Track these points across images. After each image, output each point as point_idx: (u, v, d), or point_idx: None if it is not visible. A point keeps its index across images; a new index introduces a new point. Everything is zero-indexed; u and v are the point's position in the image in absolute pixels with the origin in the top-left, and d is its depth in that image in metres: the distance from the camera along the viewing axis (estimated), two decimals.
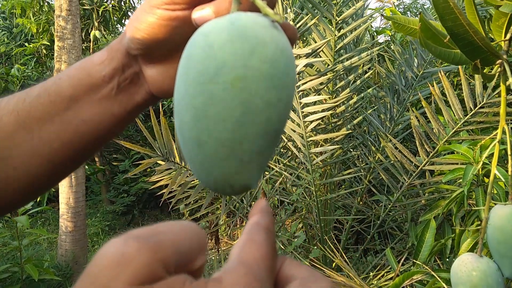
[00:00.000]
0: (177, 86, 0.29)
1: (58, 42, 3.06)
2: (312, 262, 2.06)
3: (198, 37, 0.28)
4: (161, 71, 0.41)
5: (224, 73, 0.26)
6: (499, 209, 0.70)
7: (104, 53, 0.41)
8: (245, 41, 0.27)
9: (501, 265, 0.71)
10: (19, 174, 0.42)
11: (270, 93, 0.27)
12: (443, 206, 1.54)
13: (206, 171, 0.28)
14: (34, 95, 0.42)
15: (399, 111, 2.34)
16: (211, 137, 0.27)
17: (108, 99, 0.41)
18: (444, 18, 0.58)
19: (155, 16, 0.36)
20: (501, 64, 0.69)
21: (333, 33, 2.12)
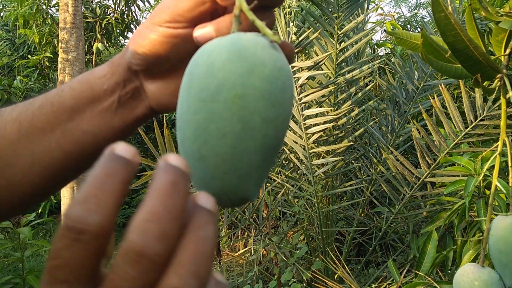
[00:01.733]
0: (180, 102, 0.31)
1: (62, 55, 3.09)
2: (314, 273, 2.06)
3: (200, 56, 0.30)
4: (161, 87, 0.42)
5: (225, 91, 0.28)
6: (501, 220, 0.72)
7: (105, 67, 0.42)
8: (245, 61, 0.28)
9: (503, 275, 0.72)
10: (21, 181, 0.43)
11: (268, 110, 0.28)
12: (445, 218, 1.55)
13: (206, 184, 0.30)
14: (37, 105, 0.43)
15: (400, 123, 2.36)
16: (212, 152, 0.28)
17: (109, 112, 0.42)
18: (446, 34, 0.60)
19: (157, 33, 0.37)
20: (501, 78, 0.71)
21: (335, 46, 2.15)
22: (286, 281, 2.23)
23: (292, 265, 2.26)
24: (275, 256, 2.28)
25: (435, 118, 2.04)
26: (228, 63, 0.28)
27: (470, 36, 0.71)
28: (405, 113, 2.36)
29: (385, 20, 4.77)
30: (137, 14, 6.14)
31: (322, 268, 2.23)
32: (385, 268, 2.41)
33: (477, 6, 0.69)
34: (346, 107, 2.16)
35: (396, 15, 6.11)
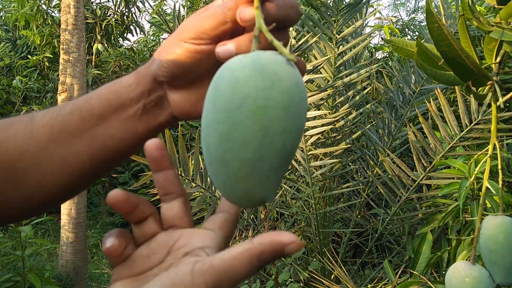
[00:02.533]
0: (205, 113, 0.34)
1: (63, 56, 3.12)
2: (311, 273, 2.10)
3: (225, 71, 0.33)
4: (184, 96, 0.45)
5: (248, 103, 0.31)
6: (490, 220, 0.75)
7: (131, 78, 0.46)
8: (266, 76, 0.32)
9: (492, 272, 0.76)
10: (50, 181, 0.47)
11: (287, 120, 0.32)
12: (439, 219, 1.59)
13: (230, 187, 0.33)
14: (67, 111, 0.46)
15: (397, 126, 2.39)
16: (235, 157, 0.32)
17: (134, 119, 0.46)
18: (439, 43, 0.63)
19: (182, 49, 0.41)
20: (492, 85, 0.75)
21: (333, 50, 2.19)
22: (284, 281, 2.27)
23: (289, 265, 2.30)
24: None
25: (431, 122, 2.08)
26: (251, 79, 0.32)
27: (463, 44, 0.75)
28: (402, 116, 2.40)
29: (383, 24, 4.82)
30: (136, 15, 6.17)
31: (319, 269, 2.26)
32: (381, 269, 2.44)
33: (470, 16, 0.72)
34: (344, 110, 2.19)
35: (394, 19, 6.16)
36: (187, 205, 0.39)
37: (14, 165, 0.46)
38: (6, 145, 0.46)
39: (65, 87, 3.14)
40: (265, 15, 0.36)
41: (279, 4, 0.38)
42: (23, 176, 0.46)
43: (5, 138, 0.46)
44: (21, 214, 0.50)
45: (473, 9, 0.72)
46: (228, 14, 0.38)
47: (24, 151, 0.46)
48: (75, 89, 3.16)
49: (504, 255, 0.74)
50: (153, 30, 7.75)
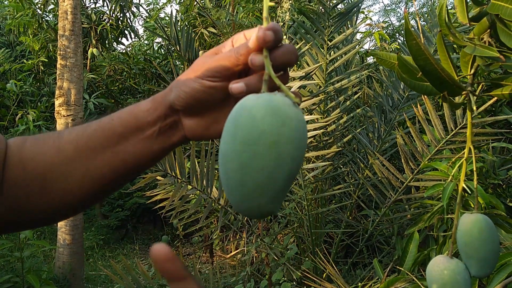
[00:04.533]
0: (225, 143, 0.42)
1: (60, 61, 3.17)
2: (304, 273, 2.17)
3: (242, 110, 0.41)
4: (196, 122, 0.53)
5: (264, 138, 0.39)
6: (466, 217, 0.83)
7: (149, 103, 0.53)
8: (278, 116, 0.40)
9: (468, 265, 0.83)
10: (75, 190, 0.54)
11: (294, 151, 0.40)
12: (425, 219, 1.66)
13: (246, 203, 0.41)
14: (92, 129, 0.54)
15: (386, 130, 2.48)
16: (252, 180, 0.40)
17: (151, 139, 0.53)
18: (417, 58, 0.71)
19: (199, 85, 0.49)
20: (467, 95, 0.82)
21: (325, 57, 2.26)
22: (277, 280, 2.33)
23: (282, 265, 2.36)
24: (266, 256, 2.38)
25: (418, 126, 2.16)
26: (266, 118, 0.39)
27: (441, 57, 0.83)
28: (391, 121, 2.48)
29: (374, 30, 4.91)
30: (131, 19, 6.22)
31: (311, 268, 2.33)
32: (371, 268, 2.52)
33: (446, 32, 0.80)
34: (335, 114, 2.27)
35: (384, 24, 6.27)
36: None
37: (44, 176, 0.53)
38: (38, 159, 0.53)
39: (62, 92, 3.19)
40: (272, 61, 0.44)
41: (283, 51, 0.46)
42: (52, 187, 0.54)
43: (37, 152, 0.54)
44: (48, 220, 0.58)
45: (449, 25, 0.80)
46: (240, 59, 0.46)
47: (53, 164, 0.53)
48: (72, 93, 3.21)
49: (478, 249, 0.81)
50: (147, 35, 7.80)
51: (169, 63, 6.30)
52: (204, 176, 2.24)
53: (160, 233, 4.96)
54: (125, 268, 2.85)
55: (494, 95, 0.82)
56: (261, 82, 0.45)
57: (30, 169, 0.53)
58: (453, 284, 0.82)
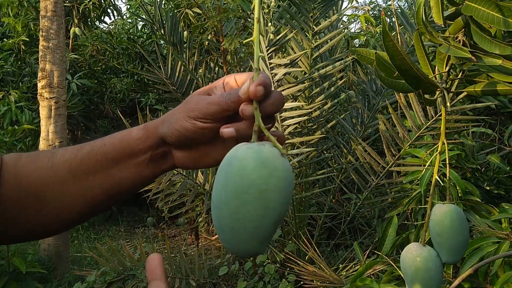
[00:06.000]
0: (217, 190, 0.46)
1: (43, 42, 3.13)
2: (287, 255, 2.22)
3: (234, 160, 0.45)
4: (186, 155, 0.56)
5: (253, 187, 0.43)
6: (438, 207, 0.87)
7: (141, 131, 0.56)
8: (266, 168, 0.43)
9: (440, 252, 0.88)
10: (67, 210, 0.58)
11: (281, 199, 0.44)
12: (404, 204, 1.72)
13: (236, 246, 0.45)
14: (85, 152, 0.57)
15: (369, 116, 2.52)
16: (242, 226, 0.44)
17: (142, 165, 0.57)
18: (394, 58, 0.74)
19: (191, 125, 0.52)
20: (441, 91, 0.86)
21: (310, 43, 2.28)
22: (261, 262, 2.39)
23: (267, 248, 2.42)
24: None
25: (400, 112, 2.20)
26: (256, 169, 0.43)
27: (418, 55, 0.86)
28: (374, 106, 2.52)
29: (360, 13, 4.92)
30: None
31: (294, 250, 2.39)
32: (352, 250, 2.59)
33: (423, 30, 0.83)
34: (320, 100, 2.30)
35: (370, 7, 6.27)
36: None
37: (38, 194, 0.56)
38: (33, 176, 0.56)
39: (45, 74, 3.15)
40: (261, 111, 0.49)
41: (272, 102, 0.50)
42: (46, 204, 0.57)
43: (32, 170, 0.57)
44: (42, 234, 0.62)
45: (426, 24, 0.83)
46: (232, 106, 0.50)
47: (46, 183, 0.56)
48: (55, 75, 3.18)
49: (449, 238, 0.86)
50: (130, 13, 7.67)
51: (153, 43, 6.23)
52: None
53: (145, 215, 4.99)
54: (111, 250, 2.88)
55: (467, 92, 0.86)
56: (250, 128, 0.49)
57: (25, 186, 0.56)
58: (425, 270, 0.87)
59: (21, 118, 4.28)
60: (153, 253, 0.41)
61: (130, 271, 2.29)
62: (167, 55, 2.78)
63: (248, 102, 0.49)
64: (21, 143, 4.11)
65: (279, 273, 2.40)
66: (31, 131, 4.28)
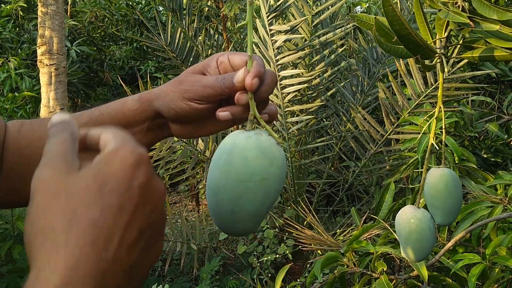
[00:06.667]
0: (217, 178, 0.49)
1: (41, 8, 3.09)
2: (286, 220, 2.27)
3: (235, 150, 0.48)
4: (182, 129, 0.58)
5: (255, 176, 0.47)
6: (433, 171, 0.89)
7: (136, 103, 0.57)
8: (267, 157, 0.48)
9: (433, 214, 0.91)
10: None
11: (279, 185, 0.49)
12: (401, 171, 1.75)
13: (233, 228, 0.50)
14: (83, 122, 0.58)
15: (369, 84, 2.52)
16: (242, 211, 0.48)
17: (139, 134, 0.58)
18: (393, 23, 0.74)
19: (186, 105, 0.54)
20: (440, 57, 0.87)
21: (311, 9, 2.26)
22: (261, 227, 2.44)
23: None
24: None
25: (400, 80, 2.21)
26: (258, 159, 0.48)
27: (418, 21, 0.86)
28: (375, 74, 2.52)
29: None
30: None
31: (293, 216, 2.44)
32: (350, 216, 2.64)
33: None
34: (320, 68, 2.30)
35: None
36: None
37: (38, 162, 0.57)
38: (34, 144, 0.58)
39: (44, 40, 3.13)
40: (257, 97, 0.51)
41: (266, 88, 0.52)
42: None
43: (33, 138, 0.58)
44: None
45: None
46: (226, 91, 0.52)
47: None
48: (55, 42, 3.16)
49: (443, 200, 0.89)
50: None
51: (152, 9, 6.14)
52: None
53: None
54: None
55: (465, 58, 0.87)
56: (245, 112, 0.51)
57: (26, 155, 0.58)
58: (419, 232, 0.90)
59: (21, 85, 4.27)
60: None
61: None
62: (167, 22, 2.75)
63: (243, 91, 0.51)
64: (21, 110, 4.12)
65: (278, 237, 2.45)
66: (31, 98, 4.28)
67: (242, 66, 0.52)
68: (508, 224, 1.45)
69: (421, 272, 1.26)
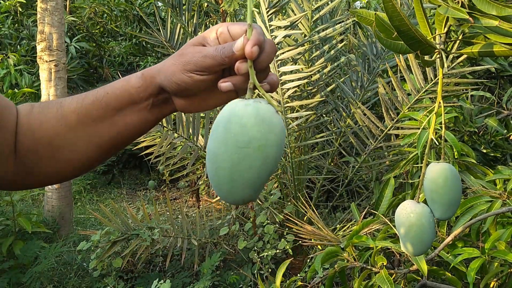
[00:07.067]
0: (216, 145, 0.49)
1: (41, 4, 3.09)
2: (286, 216, 2.28)
3: (234, 117, 0.48)
4: (185, 102, 0.59)
5: (254, 143, 0.47)
6: (433, 166, 0.90)
7: (139, 80, 0.58)
8: (265, 124, 0.48)
9: (433, 208, 0.91)
10: (79, 156, 0.61)
11: (277, 152, 0.48)
12: (401, 166, 1.76)
13: (232, 195, 0.50)
14: (89, 101, 0.60)
15: (369, 79, 2.52)
16: (240, 177, 0.48)
17: (144, 111, 0.59)
18: (393, 19, 0.75)
19: (187, 77, 0.55)
20: (439, 52, 0.87)
21: (311, 4, 2.26)
22: (261, 223, 2.45)
23: (266, 209, 2.48)
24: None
25: (399, 75, 2.21)
26: (256, 126, 0.47)
27: (417, 16, 0.87)
28: (374, 70, 2.52)
29: None
30: None
31: (293, 212, 2.45)
32: (350, 211, 2.65)
33: None
34: (320, 64, 2.30)
35: None
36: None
37: (51, 142, 0.60)
38: (45, 126, 0.60)
39: (44, 36, 3.13)
40: (256, 66, 0.51)
41: (265, 57, 0.52)
42: (59, 152, 0.60)
43: (43, 120, 0.60)
44: (56, 180, 0.65)
45: None
46: (226, 61, 0.52)
47: (57, 132, 0.59)
48: (54, 38, 3.16)
49: (442, 195, 0.89)
50: None
51: (151, 5, 6.13)
52: (190, 125, 2.28)
53: (147, 178, 5.05)
54: (114, 211, 2.95)
55: (465, 53, 0.87)
56: (246, 82, 0.51)
57: (38, 136, 0.59)
58: (419, 226, 0.91)
59: (20, 81, 4.27)
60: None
61: (134, 231, 2.36)
62: (166, 18, 2.75)
63: (243, 60, 0.51)
64: None
65: (278, 233, 2.46)
66: (31, 94, 4.28)
67: (241, 35, 0.52)
68: (507, 218, 1.46)
69: (420, 266, 1.27)
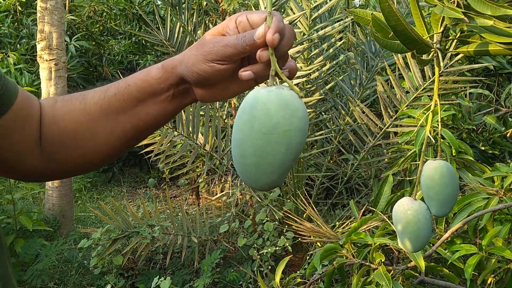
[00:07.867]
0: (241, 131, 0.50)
1: (41, 3, 3.10)
2: (286, 213, 2.30)
3: (258, 104, 0.49)
4: (205, 92, 0.60)
5: (278, 128, 0.48)
6: (430, 163, 0.91)
7: (159, 71, 0.60)
8: (288, 109, 0.49)
9: (430, 205, 0.93)
10: (102, 146, 0.63)
11: (301, 137, 0.50)
12: (399, 163, 1.77)
13: (258, 181, 0.51)
14: (112, 94, 0.62)
15: (368, 77, 2.53)
16: (266, 163, 0.49)
17: (165, 101, 0.61)
18: (389, 19, 0.76)
19: (209, 67, 0.56)
20: (435, 51, 0.88)
21: (309, 3, 2.27)
22: (260, 221, 2.47)
23: (266, 206, 2.49)
24: (250, 198, 2.50)
25: (398, 73, 2.22)
26: (280, 111, 0.48)
27: (414, 16, 0.88)
28: (373, 68, 2.53)
29: None
30: None
31: (293, 209, 2.46)
32: (349, 209, 2.66)
33: None
34: (319, 62, 2.31)
35: None
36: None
37: (75, 133, 0.62)
38: (69, 117, 0.62)
39: (44, 35, 3.14)
40: (277, 52, 0.52)
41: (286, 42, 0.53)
42: (83, 142, 0.62)
43: (67, 111, 0.62)
44: (81, 170, 0.68)
45: None
46: (247, 49, 0.53)
47: (81, 123, 0.62)
48: (54, 37, 3.17)
49: (438, 192, 0.91)
50: None
51: (151, 3, 6.13)
52: (190, 123, 2.30)
53: (147, 176, 5.06)
54: (114, 209, 2.96)
55: (460, 52, 0.89)
56: (267, 70, 0.53)
57: (62, 127, 0.62)
58: (416, 223, 0.92)
59: (20, 80, 4.28)
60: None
61: (134, 229, 2.37)
62: (166, 16, 2.76)
63: (264, 48, 0.52)
64: None
65: (277, 230, 2.48)
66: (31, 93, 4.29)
67: (261, 23, 0.53)
68: (504, 215, 1.47)
69: (418, 263, 1.28)
